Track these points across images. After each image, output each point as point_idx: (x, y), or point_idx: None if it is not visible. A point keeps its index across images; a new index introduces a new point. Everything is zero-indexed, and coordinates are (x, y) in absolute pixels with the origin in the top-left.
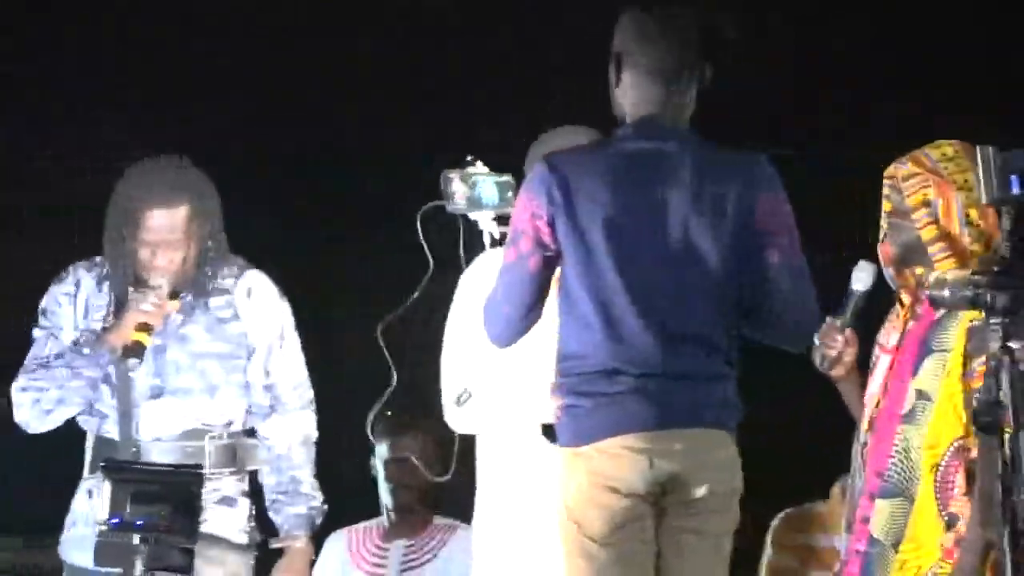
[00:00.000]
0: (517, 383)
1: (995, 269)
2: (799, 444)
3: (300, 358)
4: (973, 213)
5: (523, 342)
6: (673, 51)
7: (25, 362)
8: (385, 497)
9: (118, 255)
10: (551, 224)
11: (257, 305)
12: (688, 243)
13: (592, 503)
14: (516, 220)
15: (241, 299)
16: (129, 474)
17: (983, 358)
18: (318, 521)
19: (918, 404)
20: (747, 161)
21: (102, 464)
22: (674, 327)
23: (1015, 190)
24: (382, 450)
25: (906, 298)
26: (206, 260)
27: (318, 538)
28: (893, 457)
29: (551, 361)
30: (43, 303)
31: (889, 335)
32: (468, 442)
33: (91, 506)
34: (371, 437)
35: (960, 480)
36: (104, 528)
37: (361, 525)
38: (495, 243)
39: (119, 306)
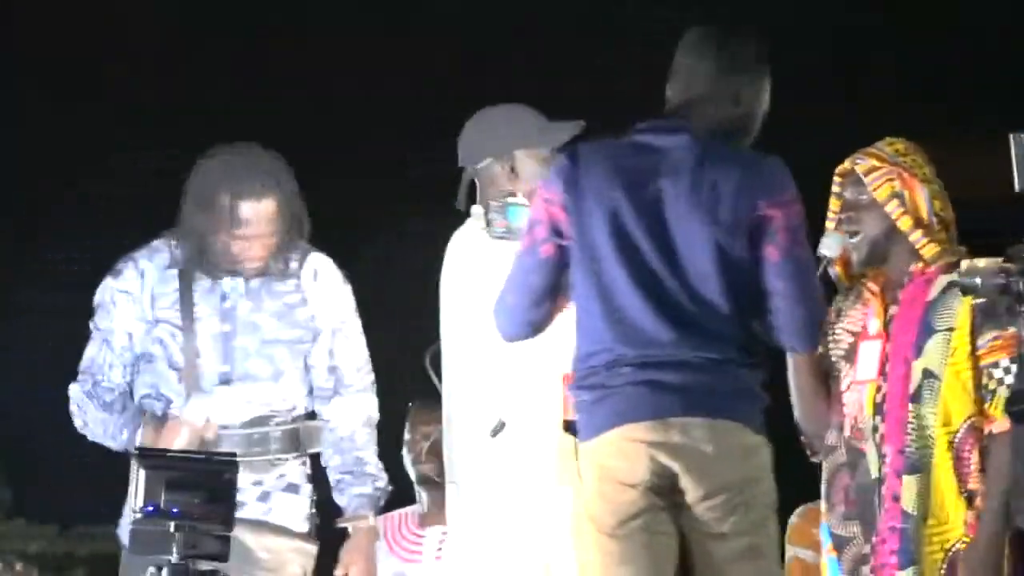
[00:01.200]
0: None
1: None
2: None
3: (362, 340)
4: (937, 204)
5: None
6: (687, 60)
7: (82, 364)
8: (412, 473)
9: (200, 245)
10: (565, 210)
11: (323, 288)
12: (687, 236)
13: (601, 496)
14: (532, 209)
15: (308, 282)
16: (163, 461)
17: (992, 334)
18: (382, 501)
19: (925, 383)
20: (753, 159)
21: (135, 451)
22: (676, 315)
23: None
24: (406, 434)
25: (874, 286)
26: (286, 248)
27: None
28: (910, 435)
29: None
30: (97, 297)
31: (867, 322)
32: None
33: None
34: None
35: (975, 457)
36: (139, 516)
37: (397, 512)
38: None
39: (185, 295)
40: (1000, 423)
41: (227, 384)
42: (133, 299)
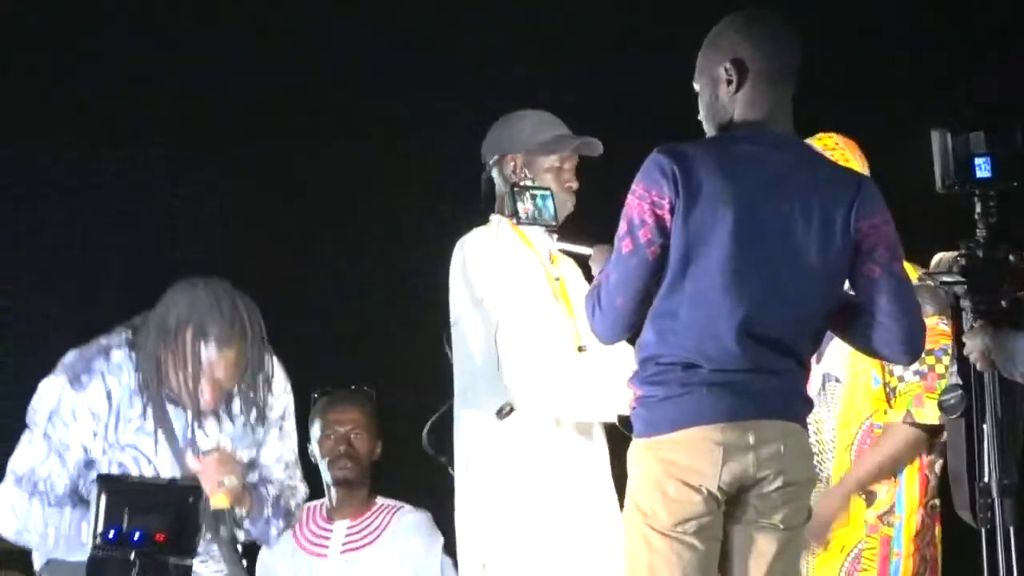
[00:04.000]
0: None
1: (963, 252)
2: None
3: (295, 438)
4: None
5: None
6: (784, 57)
7: (19, 467)
8: (325, 474)
9: (158, 375)
10: (672, 213)
11: (274, 395)
12: (794, 251)
13: (660, 491)
14: (632, 210)
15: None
16: (125, 487)
17: None
18: None
19: (828, 387)
20: (855, 177)
21: (99, 477)
22: (759, 331)
23: (981, 173)
24: (316, 430)
25: None
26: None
27: None
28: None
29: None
30: (51, 403)
31: None
32: (392, 420)
33: None
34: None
35: None
36: (99, 541)
37: (305, 505)
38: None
39: (160, 421)
40: (894, 413)
41: None
42: (95, 418)
